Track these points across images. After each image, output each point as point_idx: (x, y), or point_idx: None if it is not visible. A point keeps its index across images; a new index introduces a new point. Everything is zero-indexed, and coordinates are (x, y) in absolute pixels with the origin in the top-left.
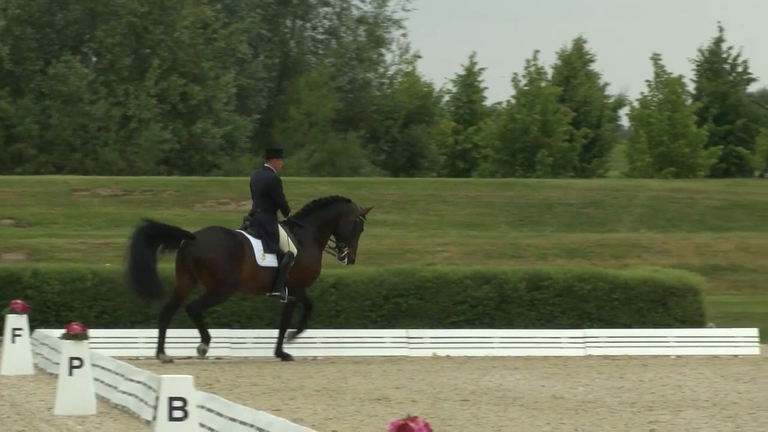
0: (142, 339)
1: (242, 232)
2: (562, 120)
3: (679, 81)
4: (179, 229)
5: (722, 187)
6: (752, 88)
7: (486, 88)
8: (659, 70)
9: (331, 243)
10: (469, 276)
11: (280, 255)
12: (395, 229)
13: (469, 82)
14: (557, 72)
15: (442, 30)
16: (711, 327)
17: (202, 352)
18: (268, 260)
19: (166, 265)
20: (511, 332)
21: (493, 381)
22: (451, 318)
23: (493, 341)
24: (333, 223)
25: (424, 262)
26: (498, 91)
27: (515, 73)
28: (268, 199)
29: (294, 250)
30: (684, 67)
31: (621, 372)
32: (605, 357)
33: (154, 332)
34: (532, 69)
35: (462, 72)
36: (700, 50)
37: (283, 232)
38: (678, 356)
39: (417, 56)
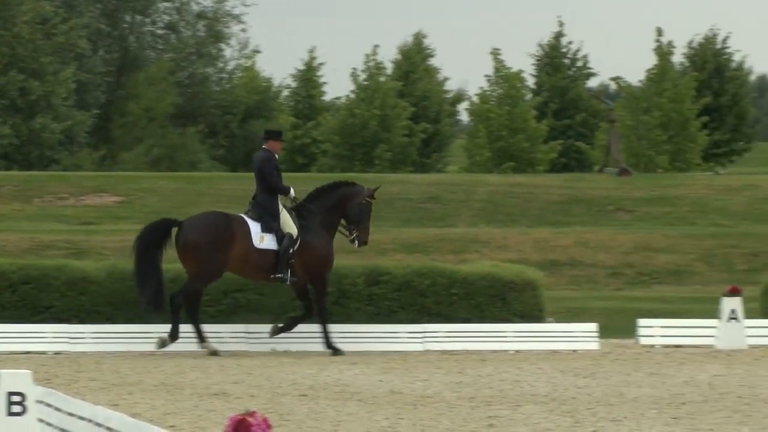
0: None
1: (242, 216)
2: (401, 115)
3: (518, 76)
4: (167, 219)
5: (561, 182)
6: (592, 83)
7: (325, 83)
8: (499, 65)
9: (343, 226)
10: None
11: (281, 237)
12: None
13: (308, 77)
14: (397, 67)
15: (282, 25)
16: (550, 322)
17: (161, 343)
18: (267, 242)
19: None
20: (349, 327)
21: (331, 376)
22: (290, 313)
23: (332, 336)
24: (339, 206)
25: None
26: (338, 86)
27: (354, 68)
28: (264, 179)
29: (294, 231)
30: (524, 62)
31: (460, 367)
32: (444, 352)
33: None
34: (372, 64)
35: (301, 67)
36: (539, 45)
37: (284, 213)
38: (517, 351)
39: (256, 51)
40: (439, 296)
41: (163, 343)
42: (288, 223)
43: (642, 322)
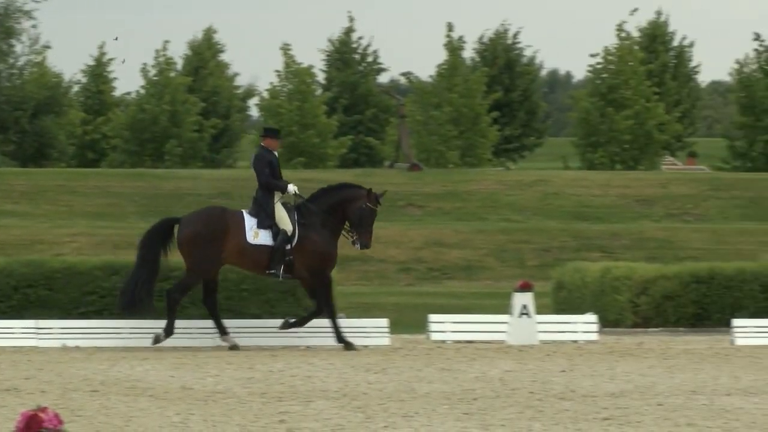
0: None
1: (242, 211)
2: (191, 110)
3: (308, 71)
4: (169, 217)
5: (352, 177)
6: (382, 79)
7: (115, 78)
8: (289, 60)
9: (346, 228)
10: (99, 267)
11: (276, 233)
12: (24, 219)
13: (98, 72)
14: (187, 62)
15: (73, 20)
16: (341, 318)
17: (156, 339)
18: (262, 238)
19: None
20: (140, 323)
21: (122, 372)
22: (81, 308)
23: (123, 332)
24: (340, 208)
25: (54, 252)
26: (128, 82)
27: (145, 64)
28: (257, 177)
29: (289, 228)
30: (314, 58)
31: (250, 362)
32: (234, 347)
33: None
34: (162, 59)
35: (91, 62)
36: (330, 40)
37: (280, 209)
38: (308, 347)
39: (47, 47)
40: (230, 292)
41: (157, 339)
42: (284, 220)
43: (433, 317)
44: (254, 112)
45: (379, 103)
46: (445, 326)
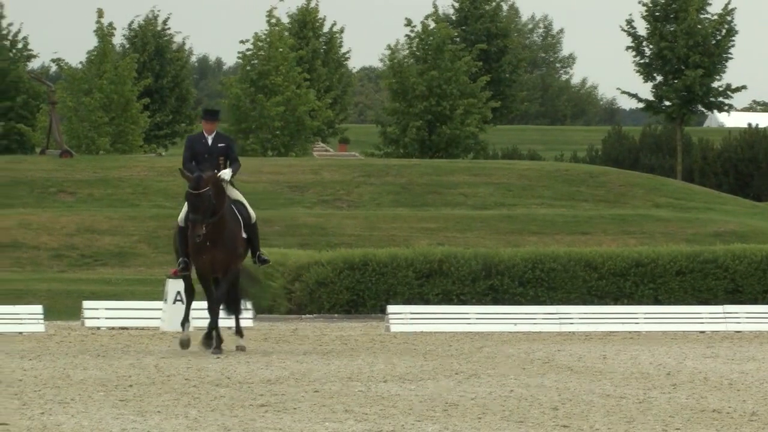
0: None
1: None
2: None
3: None
4: None
5: (3, 163)
6: (33, 65)
7: None
8: None
9: None
10: None
11: None
12: None
13: None
14: None
15: None
16: None
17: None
18: None
19: None
20: None
21: None
22: None
23: None
24: None
25: None
26: None
27: None
28: None
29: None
30: None
31: None
32: None
33: None
34: None
35: None
36: None
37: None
38: None
39: None
40: None
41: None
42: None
43: (87, 304)
44: None
45: (29, 89)
46: (99, 313)
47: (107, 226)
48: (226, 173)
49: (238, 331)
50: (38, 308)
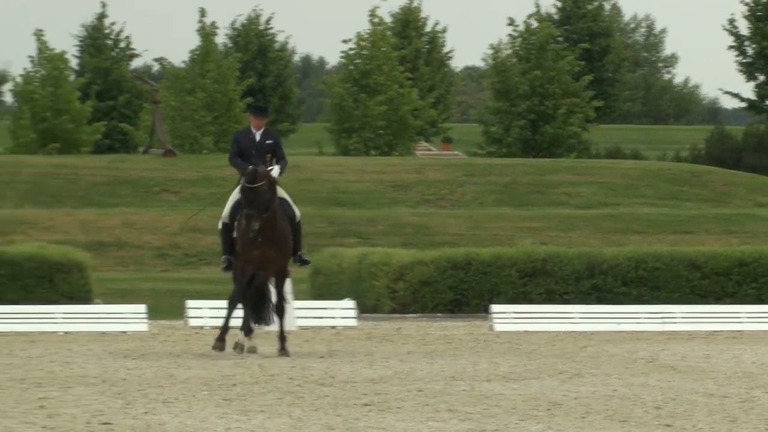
0: None
1: None
2: None
3: (62, 57)
4: None
5: (106, 163)
6: (135, 64)
7: None
8: (42, 46)
9: None
10: None
11: None
12: None
13: None
14: None
15: None
16: (98, 303)
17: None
18: None
19: None
20: None
21: None
22: None
23: None
24: None
25: None
26: None
27: None
28: None
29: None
30: (68, 43)
31: (9, 348)
32: None
33: None
34: None
35: None
36: (83, 26)
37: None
38: (66, 333)
39: None
40: None
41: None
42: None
43: (191, 303)
44: (8, 98)
45: (132, 89)
46: (202, 312)
47: (210, 225)
48: (275, 170)
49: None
50: (142, 307)
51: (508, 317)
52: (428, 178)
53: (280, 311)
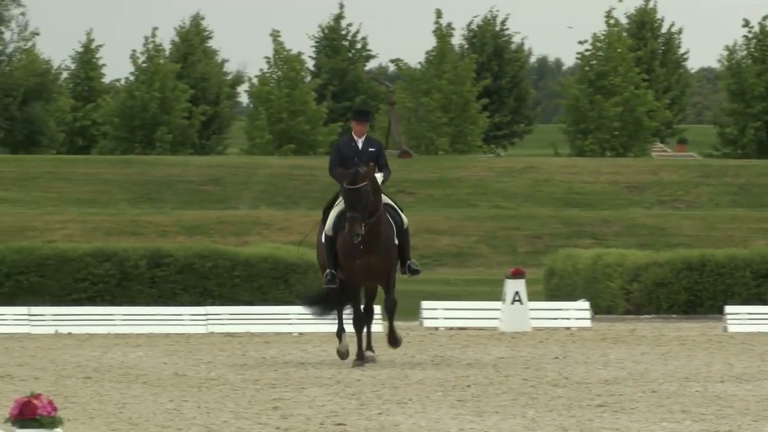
0: None
1: None
2: (180, 97)
3: (298, 58)
4: None
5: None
6: (371, 65)
7: (104, 65)
8: (279, 47)
9: None
10: (90, 253)
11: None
12: (15, 206)
13: (87, 59)
14: (175, 49)
15: (61, 6)
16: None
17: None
18: None
19: None
20: (132, 309)
21: (115, 358)
22: (73, 295)
23: (115, 318)
24: None
25: (45, 239)
26: (117, 68)
27: (134, 50)
28: None
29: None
30: (304, 44)
31: (243, 349)
32: (227, 334)
33: None
34: (151, 46)
35: (80, 49)
36: (320, 27)
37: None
38: (300, 334)
39: (35, 33)
40: (222, 278)
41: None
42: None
43: (425, 304)
44: (244, 98)
45: (368, 90)
46: (437, 313)
47: (446, 226)
48: (378, 176)
49: (369, 343)
50: (376, 308)
51: (742, 318)
52: (663, 179)
53: (390, 309)
